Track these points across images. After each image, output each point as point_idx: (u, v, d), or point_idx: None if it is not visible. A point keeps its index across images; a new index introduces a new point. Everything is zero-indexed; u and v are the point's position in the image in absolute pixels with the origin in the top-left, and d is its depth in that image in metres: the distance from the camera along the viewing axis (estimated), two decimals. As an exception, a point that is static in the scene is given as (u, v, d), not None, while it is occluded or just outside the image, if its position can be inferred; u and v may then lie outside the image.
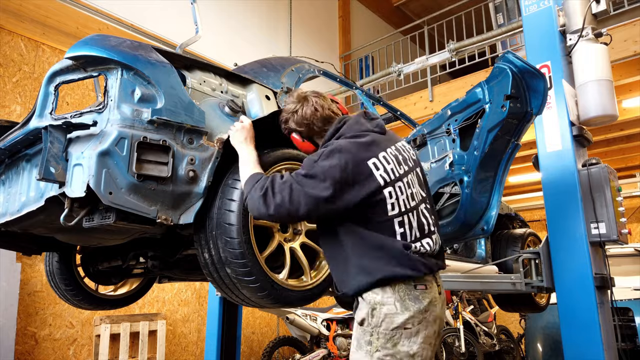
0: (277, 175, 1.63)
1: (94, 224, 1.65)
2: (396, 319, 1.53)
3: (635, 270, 5.05)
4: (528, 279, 2.53)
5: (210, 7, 6.69)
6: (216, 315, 4.18)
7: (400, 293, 1.55)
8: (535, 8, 2.78)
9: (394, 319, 1.53)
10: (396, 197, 1.61)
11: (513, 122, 2.17)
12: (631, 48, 5.06)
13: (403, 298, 1.55)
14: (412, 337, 1.53)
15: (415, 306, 1.55)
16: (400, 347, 1.52)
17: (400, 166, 1.66)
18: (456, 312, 6.31)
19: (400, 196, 1.62)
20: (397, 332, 1.53)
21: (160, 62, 1.78)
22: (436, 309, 1.60)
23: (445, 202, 2.61)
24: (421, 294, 1.57)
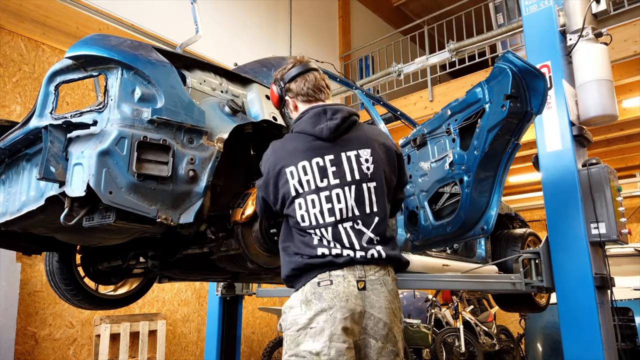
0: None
1: (94, 223, 1.65)
2: (299, 319, 1.54)
3: (635, 270, 5.05)
4: (528, 279, 2.52)
5: (211, 7, 6.69)
6: (216, 315, 4.18)
7: (307, 294, 1.56)
8: (535, 8, 2.78)
9: (298, 319, 1.54)
10: (306, 209, 1.60)
11: (513, 122, 2.17)
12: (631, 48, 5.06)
13: (309, 298, 1.55)
14: (317, 335, 1.50)
15: (319, 304, 1.52)
16: (302, 346, 1.51)
17: (324, 179, 1.61)
18: (456, 312, 6.31)
19: (312, 209, 1.59)
20: (302, 332, 1.53)
21: (161, 62, 1.78)
22: (347, 305, 1.52)
23: (445, 201, 2.61)
24: (324, 290, 1.53)
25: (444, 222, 2.56)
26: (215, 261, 2.34)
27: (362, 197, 1.64)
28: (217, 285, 4.18)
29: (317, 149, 1.65)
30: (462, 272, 3.17)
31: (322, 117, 1.69)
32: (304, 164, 1.62)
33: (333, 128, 1.66)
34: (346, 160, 1.65)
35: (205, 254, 2.25)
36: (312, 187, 1.61)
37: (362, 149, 1.69)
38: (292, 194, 1.61)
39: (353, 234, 1.60)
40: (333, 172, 1.63)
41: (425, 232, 2.67)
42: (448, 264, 3.22)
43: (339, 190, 1.61)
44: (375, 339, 1.58)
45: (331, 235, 1.59)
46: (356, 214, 1.62)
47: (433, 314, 6.80)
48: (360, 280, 1.57)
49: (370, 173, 1.67)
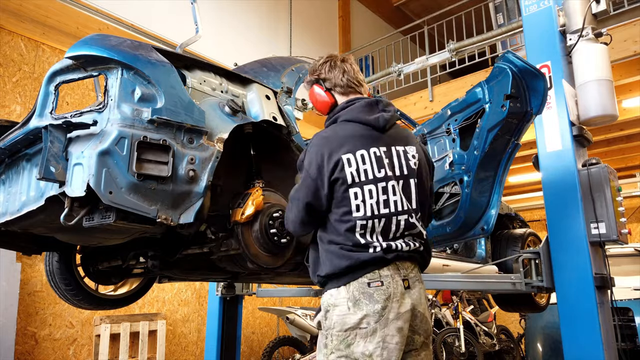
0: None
1: (94, 223, 1.65)
2: (348, 319, 1.51)
3: (635, 270, 5.05)
4: (528, 279, 2.53)
5: (211, 7, 6.69)
6: (216, 315, 4.18)
7: (354, 293, 1.53)
8: (535, 8, 2.78)
9: (346, 319, 1.51)
10: (362, 199, 1.56)
11: (513, 122, 2.17)
12: (631, 48, 5.06)
13: (357, 297, 1.52)
14: (369, 336, 1.49)
15: (370, 305, 1.50)
16: (354, 347, 1.49)
17: (380, 169, 1.59)
18: (456, 312, 6.31)
19: (369, 199, 1.56)
20: (351, 333, 1.50)
21: (161, 62, 1.78)
22: (398, 305, 1.53)
23: (445, 201, 2.61)
24: (376, 291, 1.52)
25: (444, 222, 2.56)
26: (215, 261, 2.34)
27: (410, 191, 1.65)
28: (217, 285, 4.18)
29: (373, 138, 1.63)
30: (462, 272, 3.17)
31: (374, 108, 1.67)
32: (362, 152, 1.59)
33: (388, 119, 1.66)
34: (396, 154, 1.65)
35: (205, 254, 2.25)
36: (369, 177, 1.57)
37: (409, 145, 1.70)
38: (349, 181, 1.56)
39: (404, 227, 1.60)
40: (388, 164, 1.61)
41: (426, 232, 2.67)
42: (448, 264, 3.22)
43: (394, 182, 1.61)
44: (419, 335, 1.60)
45: (382, 227, 1.57)
46: (409, 208, 1.63)
47: (433, 314, 6.80)
48: (405, 279, 1.58)
49: (416, 170, 1.68)
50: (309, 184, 1.62)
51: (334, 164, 1.57)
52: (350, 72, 1.75)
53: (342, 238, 1.58)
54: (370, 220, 1.56)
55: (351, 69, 1.76)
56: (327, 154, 1.59)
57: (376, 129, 1.64)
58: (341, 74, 1.74)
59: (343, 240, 1.57)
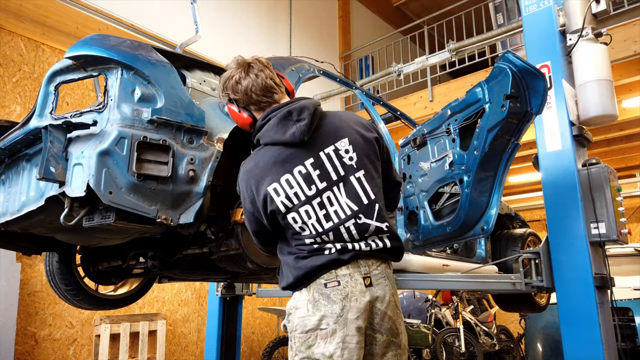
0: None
1: (94, 223, 1.65)
2: (308, 321, 1.50)
3: (635, 270, 5.05)
4: (528, 279, 2.53)
5: (211, 7, 6.69)
6: (216, 315, 4.18)
7: (314, 294, 1.51)
8: (535, 8, 2.78)
9: (306, 321, 1.50)
10: (302, 221, 1.53)
11: (513, 122, 2.17)
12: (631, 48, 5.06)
13: (316, 299, 1.50)
14: (329, 337, 1.46)
15: (328, 306, 1.48)
16: (314, 348, 1.48)
17: (311, 186, 1.52)
18: (456, 312, 6.31)
19: (308, 220, 1.52)
20: (312, 334, 1.49)
21: (160, 62, 1.78)
22: (357, 304, 1.48)
23: (445, 201, 2.61)
24: (332, 291, 1.49)
25: (443, 222, 2.56)
26: (215, 261, 2.34)
27: (354, 190, 1.56)
28: (217, 285, 4.18)
29: (294, 156, 1.54)
30: (462, 272, 3.17)
31: (288, 121, 1.55)
32: (287, 177, 1.52)
33: (305, 128, 1.53)
34: (326, 158, 1.55)
35: (205, 254, 2.26)
36: (302, 198, 1.52)
37: (339, 140, 1.58)
38: (283, 210, 1.53)
39: (356, 231, 1.54)
40: (318, 176, 1.54)
41: (425, 232, 2.67)
42: (448, 264, 3.22)
43: (329, 193, 1.54)
44: (380, 334, 1.55)
45: (333, 238, 1.53)
46: (355, 209, 1.54)
47: (433, 314, 6.80)
48: (366, 277, 1.52)
49: (354, 163, 1.57)
50: (249, 216, 1.62)
51: (263, 198, 1.54)
52: (258, 83, 1.61)
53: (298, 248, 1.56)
54: (319, 237, 1.53)
55: (257, 78, 1.62)
56: (254, 188, 1.56)
57: (295, 146, 1.55)
58: (249, 90, 1.61)
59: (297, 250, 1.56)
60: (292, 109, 1.57)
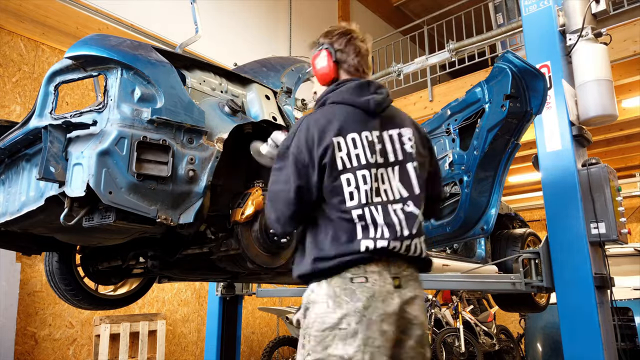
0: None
1: (94, 223, 1.65)
2: (327, 318, 1.36)
3: (635, 270, 5.05)
4: (528, 279, 2.53)
5: (210, 7, 6.69)
6: (216, 315, 4.18)
7: (335, 289, 1.38)
8: (535, 8, 2.78)
9: (325, 318, 1.36)
10: (356, 184, 1.43)
11: (513, 122, 2.17)
12: (631, 48, 5.06)
13: (338, 294, 1.37)
14: (348, 338, 1.33)
15: (351, 303, 1.35)
16: (332, 350, 1.34)
17: (373, 155, 1.47)
18: (456, 312, 6.31)
19: (363, 185, 1.43)
20: (330, 334, 1.35)
21: (160, 62, 1.78)
22: (384, 306, 1.36)
23: (445, 202, 2.61)
24: (359, 288, 1.37)
25: (444, 222, 2.56)
26: (215, 261, 2.34)
27: (408, 177, 1.51)
28: (217, 285, 4.18)
29: (364, 121, 1.50)
30: (462, 272, 3.17)
31: (365, 90, 1.55)
32: (354, 136, 1.46)
33: (380, 101, 1.53)
34: (389, 139, 1.53)
35: (205, 254, 2.25)
36: (362, 162, 1.45)
37: (405, 128, 1.57)
38: (340, 167, 1.43)
39: (404, 217, 1.46)
40: (380, 150, 1.49)
41: (426, 231, 2.67)
42: (448, 264, 3.22)
43: (383, 171, 1.49)
44: (410, 339, 1.43)
45: (382, 216, 1.43)
46: (404, 196, 1.48)
47: (433, 314, 6.80)
48: (395, 277, 1.41)
49: (414, 152, 1.55)
50: (299, 170, 1.46)
51: (324, 148, 1.44)
52: (365, 55, 1.63)
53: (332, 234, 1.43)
54: (367, 207, 1.42)
55: (366, 52, 1.64)
56: (317, 137, 1.45)
57: (367, 112, 1.52)
58: (355, 54, 1.61)
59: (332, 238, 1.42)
60: (371, 81, 1.59)
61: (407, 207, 1.48)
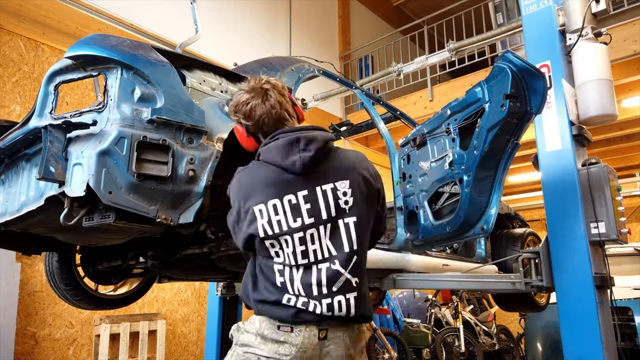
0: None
1: (94, 223, 1.65)
2: (252, 349, 1.48)
3: (635, 269, 5.05)
4: (528, 279, 2.53)
5: (210, 7, 6.69)
6: (216, 315, 4.18)
7: (265, 330, 1.47)
8: (534, 7, 2.78)
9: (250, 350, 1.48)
10: (280, 247, 1.47)
11: (513, 122, 2.17)
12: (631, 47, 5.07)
13: (265, 334, 1.47)
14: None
15: (274, 347, 1.44)
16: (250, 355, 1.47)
17: (297, 218, 1.46)
18: (456, 312, 6.32)
19: (285, 249, 1.47)
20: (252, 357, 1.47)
21: (160, 62, 1.78)
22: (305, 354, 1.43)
23: (445, 201, 2.61)
24: (282, 335, 1.44)
25: (443, 221, 2.56)
26: (215, 261, 2.34)
27: (339, 234, 1.49)
28: (217, 285, 4.18)
29: (289, 184, 1.48)
30: (462, 272, 3.17)
31: (294, 147, 1.49)
32: (275, 202, 1.46)
33: (307, 161, 1.48)
34: (322, 195, 1.49)
35: (205, 254, 2.26)
36: (283, 228, 1.46)
37: (340, 180, 1.51)
38: (261, 235, 1.47)
39: (326, 277, 1.47)
40: (307, 210, 1.47)
41: (425, 231, 2.68)
42: (448, 264, 3.22)
43: (313, 230, 1.47)
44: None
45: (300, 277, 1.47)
46: (333, 254, 1.48)
47: (433, 314, 6.81)
48: (322, 330, 1.46)
49: (348, 208, 1.50)
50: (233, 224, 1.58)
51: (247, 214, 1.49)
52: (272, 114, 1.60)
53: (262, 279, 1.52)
54: (288, 267, 1.48)
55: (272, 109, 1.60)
56: (242, 201, 1.51)
57: (294, 173, 1.49)
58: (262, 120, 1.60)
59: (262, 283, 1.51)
60: (301, 136, 1.51)
61: (334, 265, 1.48)
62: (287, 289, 1.47)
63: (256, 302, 1.51)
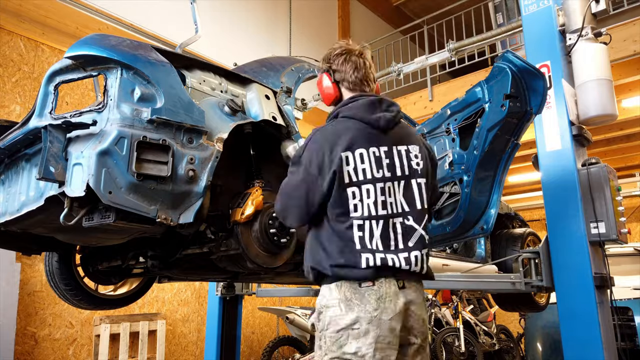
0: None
1: (94, 223, 1.65)
2: (340, 320, 1.49)
3: (635, 269, 5.05)
4: (528, 279, 2.53)
5: (210, 7, 6.69)
6: (216, 315, 4.18)
7: (346, 293, 1.51)
8: (534, 7, 2.78)
9: (339, 320, 1.49)
10: (360, 198, 1.53)
11: (512, 122, 2.17)
12: (631, 47, 5.06)
13: (349, 298, 1.50)
14: (361, 337, 1.46)
15: (361, 306, 1.48)
16: (346, 348, 1.47)
17: (379, 169, 1.56)
18: (456, 312, 6.32)
19: (366, 199, 1.53)
20: (344, 334, 1.48)
21: (160, 62, 1.78)
22: (392, 305, 1.49)
23: (445, 201, 2.61)
24: (367, 291, 1.50)
25: (443, 221, 2.56)
26: (215, 261, 2.34)
27: (412, 193, 1.60)
28: (217, 285, 4.18)
29: (373, 137, 1.59)
30: (462, 272, 3.17)
31: (377, 107, 1.64)
32: (362, 151, 1.56)
33: (390, 119, 1.62)
34: (397, 154, 1.61)
35: (205, 254, 2.25)
36: (368, 176, 1.54)
37: (412, 144, 1.66)
38: (346, 180, 1.54)
39: (401, 232, 1.56)
40: (387, 164, 1.58)
41: (425, 231, 2.67)
42: (448, 264, 3.23)
43: (390, 184, 1.57)
44: (415, 337, 1.56)
45: (380, 230, 1.53)
46: (406, 210, 1.58)
47: (433, 314, 6.81)
48: (400, 280, 1.54)
49: (420, 169, 1.64)
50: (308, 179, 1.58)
51: (333, 161, 1.55)
52: (362, 69, 1.71)
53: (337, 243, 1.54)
54: (368, 220, 1.53)
55: (363, 65, 1.72)
56: (327, 150, 1.56)
57: (377, 129, 1.61)
58: (352, 70, 1.70)
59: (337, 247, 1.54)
60: (383, 99, 1.67)
61: (407, 221, 1.58)
62: (366, 246, 1.52)
63: (332, 267, 1.53)
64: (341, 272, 1.52)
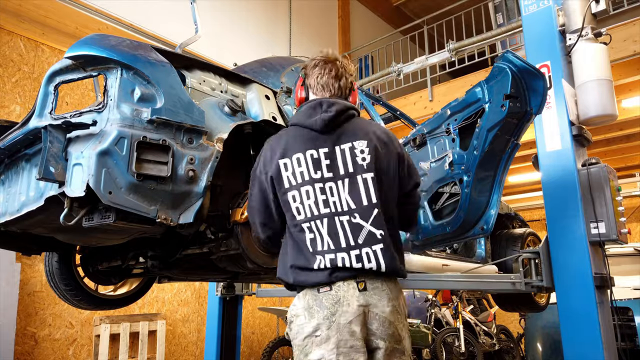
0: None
1: (94, 223, 1.65)
2: (305, 328, 1.51)
3: (635, 269, 5.05)
4: (528, 279, 2.53)
5: (210, 7, 6.69)
6: (216, 315, 4.18)
7: (309, 301, 1.53)
8: (534, 8, 2.78)
9: (304, 328, 1.52)
10: (301, 201, 1.56)
11: (513, 122, 2.17)
12: (631, 47, 5.06)
13: (310, 305, 1.52)
14: (322, 344, 1.47)
15: (320, 312, 1.49)
16: (311, 356, 1.48)
17: (317, 171, 1.58)
18: (456, 312, 6.32)
19: (306, 201, 1.56)
20: (308, 342, 1.50)
21: (160, 62, 1.78)
22: (350, 308, 1.49)
23: (445, 201, 2.61)
24: (324, 297, 1.51)
25: (443, 221, 2.56)
26: (215, 261, 2.34)
27: (357, 189, 1.58)
28: (217, 285, 4.18)
29: (311, 140, 1.62)
30: (462, 272, 3.17)
31: (317, 110, 1.65)
32: (298, 155, 1.59)
33: (327, 120, 1.62)
34: (340, 153, 1.61)
35: (205, 254, 2.25)
36: (305, 178, 1.57)
37: (358, 140, 1.63)
38: (286, 185, 1.58)
39: (349, 229, 1.55)
40: (327, 165, 1.59)
41: (425, 231, 2.68)
42: (448, 264, 3.22)
43: (332, 184, 1.58)
44: (383, 340, 1.53)
45: (327, 229, 1.54)
46: (352, 207, 1.57)
47: (433, 314, 6.80)
48: (360, 282, 1.53)
49: (366, 164, 1.60)
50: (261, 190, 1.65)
51: (273, 169, 1.61)
52: (325, 75, 1.71)
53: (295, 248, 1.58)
54: (313, 221, 1.55)
55: (329, 72, 1.71)
56: (268, 160, 1.63)
57: (316, 131, 1.63)
58: (317, 75, 1.71)
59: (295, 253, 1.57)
60: (324, 101, 1.67)
61: (354, 218, 1.57)
62: (317, 247, 1.54)
63: (292, 274, 1.56)
64: (300, 277, 1.55)
